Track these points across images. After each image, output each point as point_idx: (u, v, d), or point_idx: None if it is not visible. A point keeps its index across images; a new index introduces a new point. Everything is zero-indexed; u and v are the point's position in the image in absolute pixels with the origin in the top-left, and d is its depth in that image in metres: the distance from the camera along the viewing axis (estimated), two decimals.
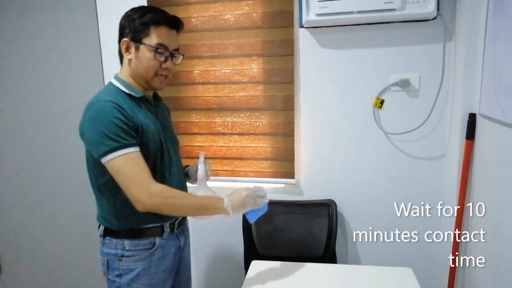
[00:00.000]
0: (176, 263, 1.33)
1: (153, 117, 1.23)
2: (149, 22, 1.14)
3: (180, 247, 1.34)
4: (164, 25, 1.16)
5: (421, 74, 1.64)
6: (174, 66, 1.23)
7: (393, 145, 1.72)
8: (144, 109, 1.20)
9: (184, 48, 1.83)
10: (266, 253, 1.84)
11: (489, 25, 1.33)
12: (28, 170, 2.17)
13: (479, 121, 1.42)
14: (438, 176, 1.69)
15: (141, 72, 1.18)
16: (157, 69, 1.18)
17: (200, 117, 1.90)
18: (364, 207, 1.79)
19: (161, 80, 1.21)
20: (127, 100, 1.16)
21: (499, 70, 1.23)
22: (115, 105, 1.09)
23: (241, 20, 1.77)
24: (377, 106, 1.69)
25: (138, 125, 1.13)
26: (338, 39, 1.69)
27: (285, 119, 1.80)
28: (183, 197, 1.16)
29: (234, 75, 1.82)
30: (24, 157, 2.17)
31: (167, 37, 1.17)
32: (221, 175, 1.93)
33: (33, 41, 2.04)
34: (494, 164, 1.30)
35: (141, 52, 1.16)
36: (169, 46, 1.17)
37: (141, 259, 1.20)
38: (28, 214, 2.21)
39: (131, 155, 1.09)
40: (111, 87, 1.19)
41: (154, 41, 1.15)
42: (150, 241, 1.21)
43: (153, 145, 1.18)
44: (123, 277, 1.20)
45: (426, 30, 1.60)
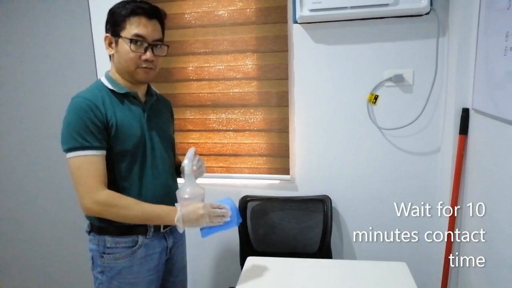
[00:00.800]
0: (162, 263, 1.30)
1: (140, 114, 1.22)
2: (125, 14, 1.14)
3: (168, 247, 1.31)
4: (141, 16, 1.14)
5: (414, 69, 1.64)
6: (158, 58, 1.20)
7: (387, 140, 1.73)
8: (128, 105, 1.20)
9: (178, 44, 1.82)
10: (261, 249, 1.84)
11: (481, 20, 1.34)
12: (21, 169, 2.16)
13: (472, 115, 1.43)
14: (432, 171, 1.70)
15: (123, 66, 1.18)
16: (137, 61, 1.16)
17: (195, 114, 1.89)
18: (359, 203, 1.80)
19: (146, 71, 1.18)
20: (110, 97, 1.17)
21: (492, 65, 1.23)
22: (90, 103, 1.11)
23: (235, 16, 1.76)
24: (371, 102, 1.70)
25: (111, 124, 1.13)
26: (332, 34, 1.69)
27: (280, 115, 1.80)
28: (129, 207, 1.12)
29: (228, 71, 1.82)
30: (16, 156, 2.15)
31: (144, 28, 1.14)
32: (216, 171, 1.93)
33: (25, 40, 2.03)
34: (487, 158, 1.30)
35: (120, 45, 1.16)
36: (147, 36, 1.15)
37: (122, 257, 1.19)
38: (22, 213, 2.20)
39: (88, 158, 1.09)
40: (97, 83, 1.21)
41: (130, 32, 1.13)
42: (133, 239, 1.20)
43: (132, 142, 1.17)
44: (105, 274, 1.20)
45: (420, 25, 1.60)
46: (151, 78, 1.23)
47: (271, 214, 1.87)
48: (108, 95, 1.17)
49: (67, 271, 2.22)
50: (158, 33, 1.19)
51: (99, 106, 1.12)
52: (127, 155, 1.17)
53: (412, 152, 1.72)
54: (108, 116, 1.13)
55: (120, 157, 1.17)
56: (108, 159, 1.15)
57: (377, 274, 1.35)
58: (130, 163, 1.18)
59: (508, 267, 1.10)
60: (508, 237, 1.10)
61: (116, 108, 1.16)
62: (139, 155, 1.20)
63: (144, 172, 1.21)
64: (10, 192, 2.21)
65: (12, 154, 2.16)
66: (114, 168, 1.17)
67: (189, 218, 1.12)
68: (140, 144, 1.20)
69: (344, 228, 1.84)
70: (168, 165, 1.31)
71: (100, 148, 1.11)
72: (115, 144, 1.15)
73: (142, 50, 1.15)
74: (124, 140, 1.16)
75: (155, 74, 1.23)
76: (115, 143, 1.15)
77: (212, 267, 2.02)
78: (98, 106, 1.12)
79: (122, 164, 1.17)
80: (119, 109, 1.17)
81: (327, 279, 1.33)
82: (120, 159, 1.17)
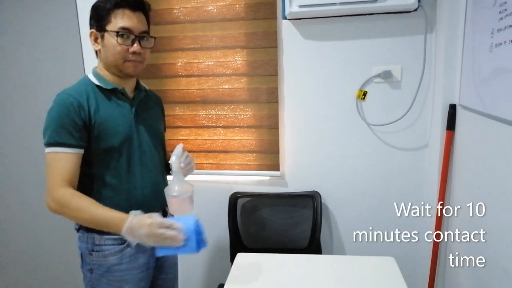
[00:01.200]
0: (153, 261, 1.29)
1: (127, 110, 1.21)
2: (109, 7, 1.12)
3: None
4: (125, 8, 1.13)
5: (403, 65, 1.65)
6: (145, 50, 1.18)
7: (376, 136, 1.74)
8: (115, 101, 1.19)
9: (167, 40, 1.81)
10: (251, 245, 1.85)
11: (468, 17, 1.35)
12: (9, 166, 2.13)
13: (459, 111, 1.45)
14: (420, 166, 1.72)
15: (111, 60, 1.16)
16: (124, 55, 1.14)
17: (184, 110, 1.88)
18: (348, 198, 1.81)
19: (134, 65, 1.17)
20: (96, 93, 1.16)
21: (478, 61, 1.25)
22: (73, 99, 1.10)
23: (224, 11, 1.75)
24: (360, 98, 1.71)
25: (94, 122, 1.12)
26: (321, 30, 1.69)
27: (270, 112, 1.80)
28: (79, 210, 1.08)
29: (218, 67, 1.81)
30: (3, 154, 2.12)
31: (130, 20, 1.13)
32: (206, 168, 1.92)
33: (11, 38, 1.99)
34: (473, 154, 1.32)
35: (106, 40, 1.14)
36: (133, 29, 1.13)
37: (111, 254, 1.18)
38: (13, 210, 2.17)
39: (59, 155, 1.09)
40: (84, 79, 1.20)
41: (116, 25, 1.12)
42: (121, 236, 1.17)
43: (118, 140, 1.16)
44: (94, 272, 1.19)
45: (408, 22, 1.61)
46: (140, 72, 1.22)
47: (261, 211, 1.87)
48: (94, 92, 1.16)
49: (58, 268, 2.20)
50: (144, 25, 1.17)
51: (82, 103, 1.11)
52: (114, 152, 1.16)
53: (401, 148, 1.73)
54: (92, 114, 1.12)
55: (106, 154, 1.16)
56: (94, 156, 1.15)
57: (365, 269, 1.36)
58: (117, 160, 1.17)
59: (494, 265, 1.12)
60: (495, 233, 1.12)
61: (101, 104, 1.15)
62: (126, 152, 1.19)
63: (132, 169, 1.20)
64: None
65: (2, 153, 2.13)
66: (101, 165, 1.16)
67: (138, 234, 1.02)
68: (127, 141, 1.19)
69: (333, 223, 1.86)
70: (157, 161, 1.30)
71: (74, 146, 1.10)
72: (100, 141, 1.14)
73: (129, 43, 1.14)
74: (110, 137, 1.15)
75: (143, 67, 1.21)
76: (100, 140, 1.14)
77: (202, 264, 2.02)
78: (82, 103, 1.11)
79: (109, 161, 1.16)
80: (105, 106, 1.16)
81: (317, 275, 1.34)
82: (106, 156, 1.16)
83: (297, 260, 1.45)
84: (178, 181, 1.19)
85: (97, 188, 1.17)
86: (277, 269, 1.38)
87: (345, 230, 1.86)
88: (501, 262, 1.07)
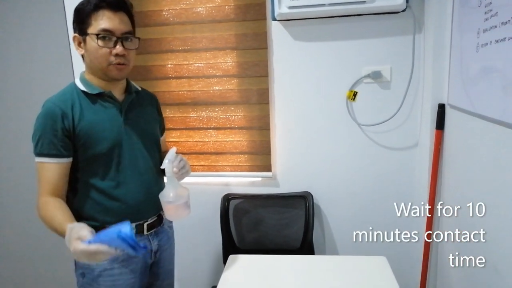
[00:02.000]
0: (146, 266, 1.28)
1: (116, 114, 1.19)
2: (89, 10, 1.09)
3: (152, 250, 1.28)
4: (105, 9, 1.09)
5: (392, 66, 1.67)
6: (130, 52, 1.15)
7: (367, 136, 1.75)
8: (102, 106, 1.17)
9: (156, 42, 1.80)
10: (244, 246, 1.85)
11: (455, 17, 1.36)
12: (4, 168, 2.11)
13: (448, 111, 1.46)
14: (410, 165, 1.74)
15: (95, 64, 1.13)
16: (107, 58, 1.11)
17: (175, 112, 1.87)
18: (340, 198, 1.82)
19: (119, 68, 1.14)
20: (82, 99, 1.15)
21: (466, 61, 1.26)
22: (58, 109, 1.10)
23: (214, 13, 1.75)
24: (350, 98, 1.71)
25: (80, 130, 1.11)
26: (310, 31, 1.69)
27: (261, 113, 1.80)
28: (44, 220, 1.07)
29: (208, 69, 1.80)
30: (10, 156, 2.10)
31: (110, 21, 1.09)
32: (197, 170, 1.91)
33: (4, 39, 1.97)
34: (462, 153, 1.34)
35: (88, 43, 1.11)
36: (114, 30, 1.10)
37: None
38: (17, 213, 2.15)
39: (45, 165, 1.10)
40: (70, 86, 1.18)
41: (97, 28, 1.09)
42: None
43: (105, 146, 1.15)
44: (86, 276, 1.18)
45: (396, 22, 1.62)
46: (125, 75, 1.19)
47: (253, 212, 1.87)
48: (79, 98, 1.14)
49: (54, 272, 2.18)
50: (126, 25, 1.14)
51: (66, 112, 1.10)
52: (102, 158, 1.15)
53: (391, 148, 1.74)
54: (76, 122, 1.11)
55: (94, 161, 1.14)
56: (82, 162, 1.14)
57: (358, 269, 1.37)
58: (106, 165, 1.16)
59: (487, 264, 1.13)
60: (490, 232, 1.13)
61: (87, 111, 1.14)
62: (116, 157, 1.17)
63: (122, 174, 1.18)
64: None
65: None
66: (89, 171, 1.15)
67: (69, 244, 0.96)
68: (116, 146, 1.17)
69: (326, 223, 1.86)
70: (150, 165, 1.27)
71: (58, 156, 1.10)
72: (87, 149, 1.13)
73: (111, 45, 1.11)
74: (97, 144, 1.13)
75: (129, 69, 1.19)
76: (87, 148, 1.13)
77: (195, 265, 2.01)
78: (65, 112, 1.10)
79: (97, 167, 1.15)
80: (91, 112, 1.14)
81: (309, 275, 1.34)
82: (95, 162, 1.15)
83: (290, 261, 1.45)
84: (172, 187, 1.16)
85: (89, 194, 1.16)
86: (269, 270, 1.38)
87: (338, 230, 1.86)
88: (494, 261, 1.08)
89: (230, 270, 1.36)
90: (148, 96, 1.37)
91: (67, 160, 1.12)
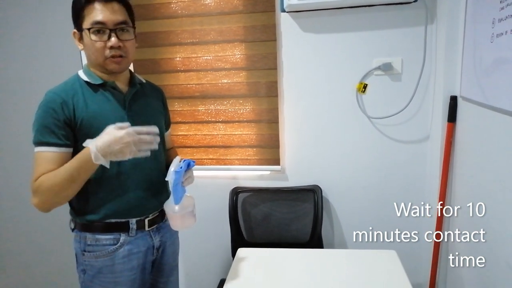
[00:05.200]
0: (148, 262, 1.25)
1: (118, 105, 1.16)
2: (82, 4, 1.08)
3: (154, 246, 1.25)
4: (95, 1, 1.07)
5: (403, 57, 1.64)
6: (126, 43, 1.12)
7: (377, 129, 1.73)
8: (105, 97, 1.15)
9: (164, 35, 1.79)
10: (253, 240, 1.85)
11: (469, 7, 1.33)
12: (7, 165, 2.13)
13: (460, 103, 1.44)
14: (421, 159, 1.71)
15: (93, 59, 1.12)
16: (103, 52, 1.09)
17: (183, 106, 1.87)
18: (349, 192, 1.81)
19: (116, 61, 1.11)
20: (85, 90, 1.13)
21: (479, 52, 1.23)
22: (59, 98, 1.08)
23: (222, 5, 1.73)
24: (360, 91, 1.69)
25: (81, 120, 1.09)
26: (320, 23, 1.67)
27: (269, 106, 1.79)
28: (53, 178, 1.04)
29: (216, 61, 1.79)
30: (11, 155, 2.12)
31: (102, 13, 1.07)
32: (206, 163, 1.91)
33: (8, 36, 1.97)
34: (475, 146, 1.31)
35: (84, 38, 1.10)
36: (106, 21, 1.07)
37: (103, 255, 1.15)
38: (20, 212, 2.16)
39: (44, 154, 1.07)
40: (73, 77, 1.17)
41: (89, 22, 1.07)
42: (114, 237, 1.16)
43: None
44: (86, 273, 1.17)
45: (408, 13, 1.59)
46: (125, 67, 1.17)
47: (262, 205, 1.87)
48: (82, 88, 1.13)
49: (56, 269, 2.20)
50: (120, 15, 1.10)
51: (67, 100, 1.08)
52: None
53: (402, 141, 1.72)
54: (77, 111, 1.09)
55: None
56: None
57: (367, 262, 1.36)
58: None
59: (493, 262, 1.11)
60: (494, 228, 1.11)
61: (89, 101, 1.12)
62: None
63: (122, 168, 1.14)
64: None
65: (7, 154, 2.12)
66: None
67: (111, 150, 1.00)
68: None
69: (335, 217, 1.85)
70: (153, 159, 1.20)
71: (58, 145, 1.07)
72: (88, 138, 1.08)
73: (105, 38, 1.08)
74: (98, 134, 1.07)
75: (129, 61, 1.17)
76: (88, 138, 1.08)
77: (203, 259, 2.02)
78: (66, 101, 1.08)
79: None
80: (93, 102, 1.12)
81: (318, 269, 1.33)
82: None
83: (299, 255, 1.45)
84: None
85: (88, 187, 1.12)
86: (278, 263, 1.38)
87: (347, 224, 1.85)
88: (503, 260, 1.07)
89: (239, 264, 1.36)
90: (153, 88, 1.35)
91: (67, 150, 1.09)
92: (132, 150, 1.01)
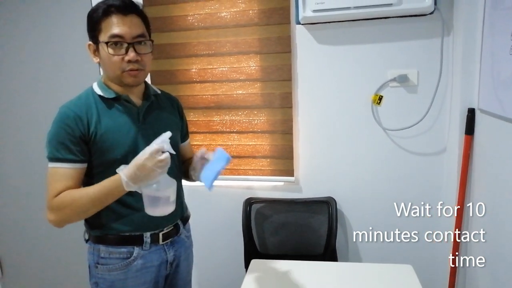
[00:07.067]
0: (162, 277, 1.23)
1: (132, 118, 1.15)
2: (99, 16, 1.06)
3: (168, 261, 1.23)
4: (113, 14, 1.05)
5: (419, 69, 1.63)
6: (144, 56, 1.10)
7: (392, 141, 1.71)
8: (119, 111, 1.14)
9: (181, 46, 1.82)
10: (266, 251, 1.84)
11: (486, 19, 1.32)
12: (26, 171, 2.17)
13: (478, 116, 1.42)
14: (437, 172, 1.69)
15: (110, 72, 1.11)
16: (120, 65, 1.07)
17: (198, 116, 1.89)
18: (364, 204, 1.79)
19: (134, 75, 1.09)
20: (98, 104, 1.12)
21: (497, 64, 1.22)
22: (73, 114, 1.07)
23: (238, 17, 1.76)
24: (376, 103, 1.68)
25: (95, 135, 1.08)
26: (335, 35, 1.68)
27: (283, 117, 1.79)
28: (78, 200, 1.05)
29: (232, 73, 1.81)
30: (21, 158, 2.16)
31: (119, 26, 1.05)
32: (220, 173, 1.91)
33: (25, 42, 2.03)
34: (493, 159, 1.29)
35: (101, 51, 1.08)
36: (124, 35, 1.05)
37: (116, 269, 1.14)
38: (28, 215, 2.20)
39: (59, 170, 1.06)
40: (87, 91, 1.16)
41: (107, 35, 1.05)
42: (128, 250, 1.14)
43: (120, 151, 1.10)
44: (99, 286, 1.16)
45: (424, 25, 1.59)
46: (141, 80, 1.15)
47: (276, 216, 1.86)
48: (95, 103, 1.12)
49: (69, 279, 2.22)
50: (138, 29, 1.08)
51: (81, 116, 1.07)
52: (116, 164, 1.06)
53: (418, 153, 1.70)
54: (92, 126, 1.08)
55: (109, 167, 1.08)
56: (96, 168, 1.11)
57: (383, 277, 1.33)
58: None
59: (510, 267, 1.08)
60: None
61: (103, 116, 1.11)
62: (130, 160, 1.07)
63: None
64: (10, 197, 2.21)
65: (12, 157, 2.17)
66: (105, 177, 1.07)
67: (139, 177, 1.00)
68: (132, 152, 1.09)
69: (349, 230, 1.83)
70: (168, 171, 1.16)
71: (73, 161, 1.06)
72: (102, 154, 1.10)
73: (123, 52, 1.07)
74: (112, 149, 1.10)
75: (146, 74, 1.15)
76: (102, 153, 1.09)
77: (216, 270, 2.01)
78: (80, 116, 1.07)
79: (112, 173, 1.06)
80: (107, 117, 1.11)
81: (332, 282, 1.32)
82: (110, 168, 1.08)
83: (312, 267, 1.43)
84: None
85: None
86: (292, 276, 1.36)
87: (361, 239, 1.82)
88: None
89: (252, 275, 1.36)
90: (168, 99, 1.33)
91: (82, 166, 1.09)
92: (157, 173, 1.01)
